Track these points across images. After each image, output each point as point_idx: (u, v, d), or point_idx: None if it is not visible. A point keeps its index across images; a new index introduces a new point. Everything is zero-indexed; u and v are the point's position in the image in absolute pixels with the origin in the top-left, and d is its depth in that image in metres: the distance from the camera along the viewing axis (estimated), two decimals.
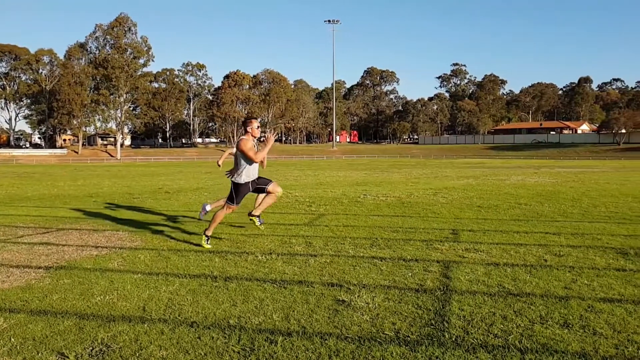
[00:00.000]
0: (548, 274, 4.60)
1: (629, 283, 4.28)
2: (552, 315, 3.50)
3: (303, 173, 26.46)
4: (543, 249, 5.70)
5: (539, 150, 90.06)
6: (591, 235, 6.59)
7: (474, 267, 4.87)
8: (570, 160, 55.97)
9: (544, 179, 18.58)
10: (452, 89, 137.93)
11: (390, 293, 4.04)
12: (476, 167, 34.67)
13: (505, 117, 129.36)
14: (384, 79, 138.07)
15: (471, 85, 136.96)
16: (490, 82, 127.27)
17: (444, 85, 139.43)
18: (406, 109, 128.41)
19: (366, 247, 5.86)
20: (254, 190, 6.11)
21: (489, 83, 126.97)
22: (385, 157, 77.84)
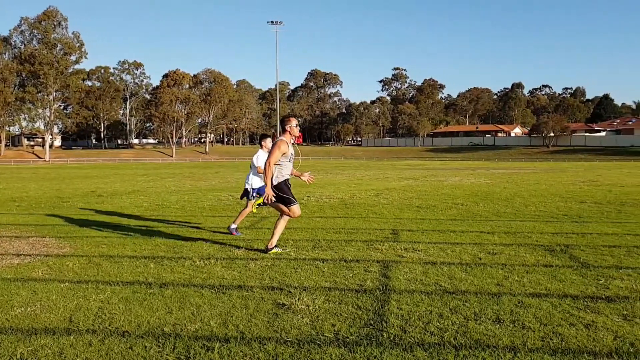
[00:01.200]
0: (482, 271, 4.81)
1: (555, 278, 4.56)
2: (485, 311, 3.65)
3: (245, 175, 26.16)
4: (478, 248, 5.95)
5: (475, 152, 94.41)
6: (522, 234, 6.96)
7: (413, 266, 5.00)
8: (504, 162, 59.06)
9: (480, 180, 19.47)
10: (394, 93, 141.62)
11: (331, 295, 4.06)
12: (416, 168, 35.77)
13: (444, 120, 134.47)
14: (327, 81, 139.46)
15: (411, 90, 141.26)
16: (430, 86, 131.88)
17: (385, 89, 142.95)
18: (350, 112, 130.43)
19: (308, 249, 5.86)
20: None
21: (428, 87, 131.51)
22: (329, 159, 78.55)
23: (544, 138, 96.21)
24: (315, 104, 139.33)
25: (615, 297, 3.97)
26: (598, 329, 3.29)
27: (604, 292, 4.11)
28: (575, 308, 3.71)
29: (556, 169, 33.35)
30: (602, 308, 3.71)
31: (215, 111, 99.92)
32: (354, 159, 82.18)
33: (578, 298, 3.95)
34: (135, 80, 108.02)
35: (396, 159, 79.68)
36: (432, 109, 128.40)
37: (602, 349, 2.96)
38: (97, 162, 69.49)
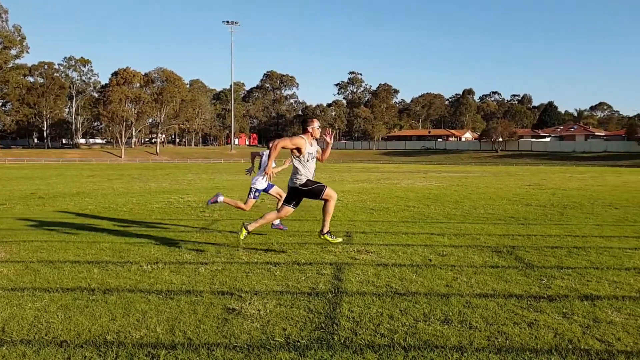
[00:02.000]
0: (432, 272, 4.92)
1: (501, 279, 4.72)
2: (435, 312, 3.73)
3: (197, 177, 25.64)
4: (428, 249, 6.09)
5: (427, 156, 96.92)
6: (471, 236, 7.18)
7: (365, 268, 5.05)
8: (455, 166, 60.91)
9: (431, 183, 19.97)
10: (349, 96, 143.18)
11: (282, 298, 4.02)
12: (371, 171, 36.28)
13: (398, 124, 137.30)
14: (284, 83, 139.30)
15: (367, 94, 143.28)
16: (385, 91, 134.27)
17: (341, 92, 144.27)
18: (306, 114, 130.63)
19: (260, 253, 5.80)
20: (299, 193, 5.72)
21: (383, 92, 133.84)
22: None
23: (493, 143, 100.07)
24: (271, 105, 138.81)
25: (556, 296, 4.16)
26: (540, 327, 3.43)
27: (546, 291, 4.30)
28: (519, 307, 3.86)
29: (504, 173, 34.75)
30: (544, 307, 3.87)
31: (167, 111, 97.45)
32: None
33: (522, 297, 4.11)
34: (82, 77, 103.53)
35: (352, 161, 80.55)
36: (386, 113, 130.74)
37: (543, 347, 3.09)
38: (38, 161, 66.14)
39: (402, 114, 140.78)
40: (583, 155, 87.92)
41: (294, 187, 5.65)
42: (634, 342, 3.16)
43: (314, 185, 5.61)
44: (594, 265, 5.27)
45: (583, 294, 4.21)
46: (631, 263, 5.40)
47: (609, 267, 5.21)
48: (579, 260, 5.55)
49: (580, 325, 3.47)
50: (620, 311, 3.77)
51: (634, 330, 3.36)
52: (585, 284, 4.52)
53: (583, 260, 5.55)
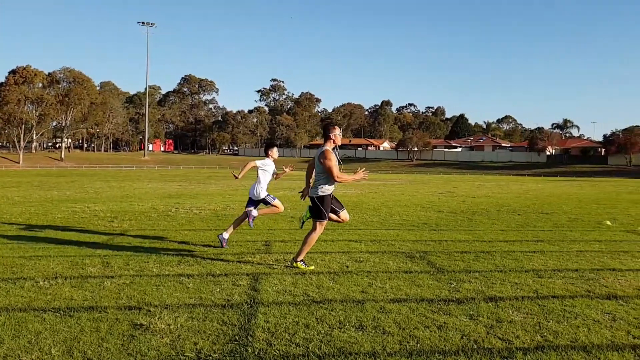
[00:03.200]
0: (349, 279, 5.01)
1: (414, 283, 4.92)
2: (350, 319, 3.79)
3: (107, 184, 24.21)
4: (346, 256, 6.20)
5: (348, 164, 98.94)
6: (387, 242, 7.43)
7: (283, 277, 5.02)
8: (374, 174, 62.86)
9: (351, 191, 20.45)
10: (272, 104, 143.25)
11: (195, 311, 3.88)
12: (292, 179, 36.43)
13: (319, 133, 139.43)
14: (202, 87, 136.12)
15: (289, 101, 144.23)
16: (307, 99, 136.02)
17: (263, 99, 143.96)
18: (226, 120, 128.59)
19: (173, 265, 5.57)
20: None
21: (305, 100, 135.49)
22: (203, 168, 76.40)
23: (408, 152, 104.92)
24: (189, 110, 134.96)
25: (464, 298, 4.40)
26: (448, 329, 3.61)
27: (455, 294, 4.54)
28: (430, 311, 4.03)
29: (419, 181, 36.48)
30: (453, 310, 4.08)
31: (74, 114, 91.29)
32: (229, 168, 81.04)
33: (433, 301, 4.30)
34: None
35: None
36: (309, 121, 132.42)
37: (451, 348, 3.25)
38: None
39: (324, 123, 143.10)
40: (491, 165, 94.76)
41: (319, 197, 5.49)
42: (531, 339, 3.42)
43: (324, 209, 5.54)
44: (498, 269, 5.66)
45: (488, 295, 4.50)
46: (530, 265, 5.87)
47: (511, 269, 5.63)
48: (485, 263, 5.93)
49: (485, 325, 3.69)
50: (520, 310, 4.07)
51: (531, 328, 3.64)
52: (490, 286, 4.83)
53: (489, 263, 5.94)
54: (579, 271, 5.57)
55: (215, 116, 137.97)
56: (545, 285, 4.90)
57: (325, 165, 5.32)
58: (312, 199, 5.58)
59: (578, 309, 4.12)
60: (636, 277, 5.31)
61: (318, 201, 5.49)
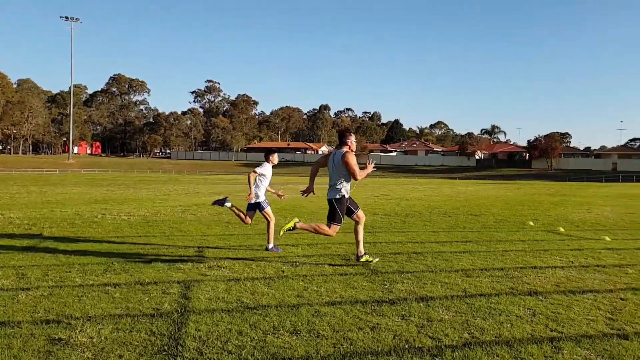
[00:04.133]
0: (284, 284, 4.99)
1: (349, 285, 4.99)
2: (284, 324, 3.78)
3: (25, 189, 22.64)
4: (282, 261, 6.18)
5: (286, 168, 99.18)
6: (323, 245, 7.49)
7: (216, 284, 4.92)
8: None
9: (289, 195, 20.43)
10: (207, 105, 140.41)
11: (121, 322, 3.71)
12: (229, 183, 35.87)
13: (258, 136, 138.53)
14: (133, 87, 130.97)
15: (225, 103, 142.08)
16: (244, 101, 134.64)
17: (198, 100, 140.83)
18: (158, 122, 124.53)
19: (98, 274, 5.30)
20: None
21: (242, 102, 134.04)
22: (133, 172, 73.37)
23: None
24: (118, 111, 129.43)
25: (397, 299, 4.52)
26: (381, 330, 3.69)
27: (388, 295, 4.65)
28: (364, 313, 4.11)
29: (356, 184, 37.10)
30: (386, 310, 4.18)
31: None
32: (162, 172, 78.43)
33: (367, 303, 4.39)
34: None
35: (209, 173, 78.78)
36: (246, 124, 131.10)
37: (383, 349, 3.32)
38: None
39: (262, 126, 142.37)
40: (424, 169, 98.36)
41: (337, 199, 5.75)
42: (459, 337, 3.57)
43: (340, 211, 5.82)
44: (430, 269, 5.87)
45: (419, 295, 4.65)
46: (459, 265, 6.14)
47: (442, 269, 5.86)
48: (417, 264, 6.13)
49: (416, 325, 3.82)
50: (449, 309, 4.25)
51: (459, 326, 3.81)
52: (422, 287, 5.00)
53: (420, 264, 6.15)
54: (504, 270, 5.90)
55: (146, 118, 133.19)
56: (473, 284, 5.14)
57: (351, 168, 5.68)
58: (329, 201, 5.83)
59: (502, 306, 4.36)
60: (554, 274, 5.70)
61: (336, 203, 5.76)
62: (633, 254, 7.13)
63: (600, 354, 3.29)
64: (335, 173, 5.82)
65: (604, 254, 7.10)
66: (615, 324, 3.91)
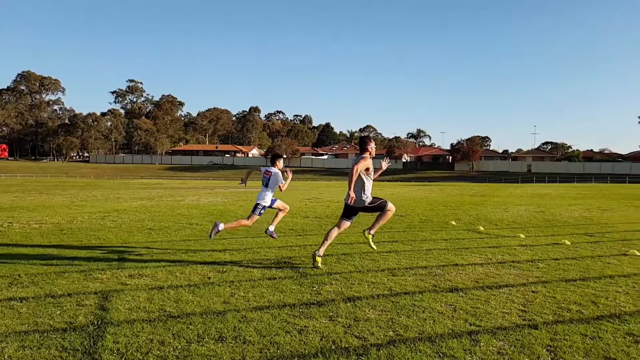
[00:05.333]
0: (210, 291, 4.89)
1: (277, 289, 4.98)
2: (209, 331, 3.70)
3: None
4: (208, 267, 6.05)
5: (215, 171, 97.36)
6: (252, 250, 7.42)
7: (136, 293, 4.73)
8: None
9: (217, 199, 20.06)
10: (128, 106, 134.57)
11: (27, 339, 3.46)
12: (153, 188, 34.56)
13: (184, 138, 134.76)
14: (45, 86, 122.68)
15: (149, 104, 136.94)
16: (169, 102, 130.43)
17: (119, 101, 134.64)
18: (74, 123, 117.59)
19: (2, 288, 4.90)
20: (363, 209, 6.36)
21: (166, 103, 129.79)
22: (46, 177, 68.66)
23: None
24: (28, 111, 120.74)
25: (325, 300, 4.58)
26: (309, 332, 3.72)
27: (316, 297, 4.70)
28: (292, 316, 4.12)
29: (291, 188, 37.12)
30: (314, 312, 4.22)
31: None
32: (79, 177, 74.06)
33: (295, 306, 4.40)
34: None
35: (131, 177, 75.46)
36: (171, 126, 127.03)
37: (310, 351, 3.35)
38: None
39: (188, 128, 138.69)
40: None
41: (370, 202, 6.24)
42: (384, 335, 3.68)
43: (379, 201, 6.33)
44: (357, 269, 6.00)
45: (347, 296, 4.74)
46: (386, 265, 6.32)
47: (369, 269, 6.01)
48: (345, 265, 6.24)
49: (343, 325, 3.89)
50: (376, 308, 4.37)
51: (385, 324, 3.92)
52: (350, 287, 5.10)
53: (349, 265, 6.27)
54: (427, 268, 6.15)
55: (61, 119, 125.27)
56: (398, 283, 5.32)
57: (358, 160, 6.12)
58: (365, 208, 6.32)
59: (426, 303, 4.55)
60: (474, 271, 6.03)
61: (370, 205, 6.31)
62: (544, 250, 7.71)
63: (513, 344, 3.53)
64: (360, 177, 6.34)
65: (519, 251, 7.62)
66: (527, 315, 4.21)
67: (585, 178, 78.27)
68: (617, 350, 3.43)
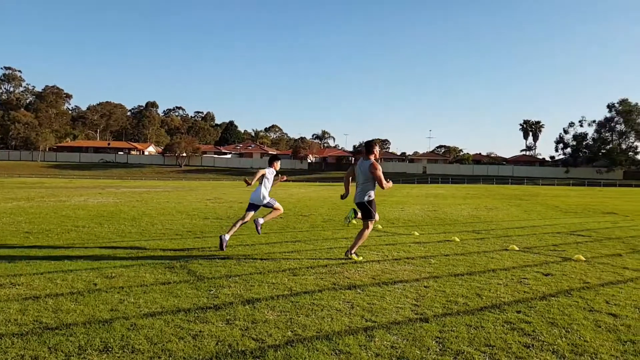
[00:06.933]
0: (96, 298, 4.57)
1: (171, 294, 4.78)
2: (93, 342, 3.45)
3: None
4: (95, 273, 5.65)
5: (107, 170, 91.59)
6: (145, 253, 7.06)
7: (7, 305, 4.28)
8: (137, 181, 59.53)
9: (108, 199, 18.87)
10: (4, 97, 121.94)
11: None
12: (33, 187, 31.60)
13: (71, 133, 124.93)
14: None
15: (29, 95, 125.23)
16: (54, 94, 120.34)
17: None
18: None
19: None
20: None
21: (51, 95, 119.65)
22: None
23: (177, 158, 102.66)
24: None
25: (222, 304, 4.48)
26: (204, 337, 3.61)
27: (213, 301, 4.58)
28: (186, 321, 3.97)
29: (187, 188, 35.98)
30: (210, 317, 4.11)
31: None
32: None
33: (190, 311, 4.26)
34: None
35: (7, 175, 68.45)
36: (56, 120, 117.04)
37: (205, 356, 3.25)
38: None
39: (77, 123, 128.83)
40: None
41: (368, 201, 6.82)
42: (282, 336, 3.69)
43: (373, 210, 6.90)
44: (258, 271, 5.96)
45: (246, 298, 4.68)
46: (287, 265, 6.35)
47: (270, 270, 5.99)
48: (245, 267, 6.17)
49: (241, 328, 3.83)
50: (275, 309, 4.36)
51: (283, 325, 3.93)
52: (249, 289, 5.05)
53: (249, 267, 6.20)
54: (327, 266, 6.28)
55: None
56: (299, 282, 5.37)
57: (377, 175, 6.70)
58: (362, 204, 6.85)
59: (325, 301, 4.63)
60: (372, 268, 6.27)
61: (368, 205, 6.84)
62: (436, 247, 8.22)
63: (406, 337, 3.71)
64: (362, 178, 6.88)
65: (413, 247, 8.06)
66: (419, 309, 4.45)
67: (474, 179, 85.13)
68: (497, 337, 3.75)
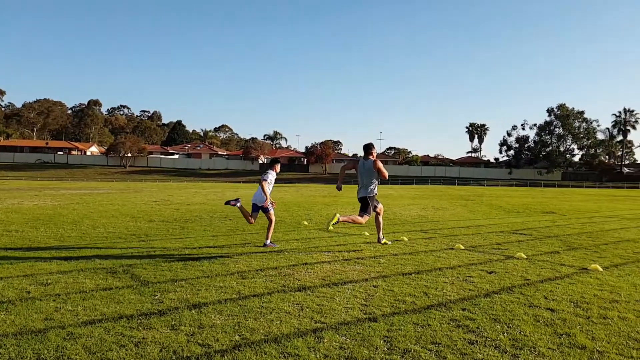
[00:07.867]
0: (29, 307, 4.32)
1: (113, 301, 4.60)
2: (25, 354, 3.26)
3: None
4: (29, 280, 5.36)
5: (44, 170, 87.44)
6: (85, 258, 6.76)
7: None
8: (78, 182, 57.10)
9: (46, 202, 17.98)
10: None
11: None
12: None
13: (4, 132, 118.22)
14: None
15: None
16: None
17: None
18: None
19: None
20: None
21: None
22: None
23: (121, 158, 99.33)
24: None
25: (167, 309, 4.35)
26: (147, 344, 3.49)
27: (158, 306, 4.44)
28: (128, 328, 3.83)
29: (131, 189, 34.83)
30: (154, 323, 3.98)
31: None
32: None
33: (133, 317, 4.10)
34: None
35: None
36: None
37: None
38: None
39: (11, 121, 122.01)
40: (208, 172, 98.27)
41: (370, 197, 7.66)
42: (230, 340, 3.62)
43: (373, 204, 7.78)
44: (205, 274, 5.83)
45: (192, 303, 4.57)
46: (236, 268, 6.25)
47: (218, 274, 5.88)
48: (192, 271, 6.02)
49: (186, 334, 3.72)
50: (222, 313, 4.27)
51: (231, 329, 3.86)
52: (196, 293, 4.93)
53: (196, 270, 6.06)
54: (277, 268, 6.23)
55: None
56: (248, 286, 5.30)
57: (382, 171, 7.61)
58: (364, 199, 7.66)
59: (274, 304, 4.59)
60: (322, 269, 6.28)
61: (369, 200, 7.65)
62: (385, 246, 8.35)
63: (354, 337, 3.73)
64: (366, 176, 7.68)
65: (363, 247, 8.15)
66: (368, 309, 4.49)
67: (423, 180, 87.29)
68: (443, 335, 3.84)
